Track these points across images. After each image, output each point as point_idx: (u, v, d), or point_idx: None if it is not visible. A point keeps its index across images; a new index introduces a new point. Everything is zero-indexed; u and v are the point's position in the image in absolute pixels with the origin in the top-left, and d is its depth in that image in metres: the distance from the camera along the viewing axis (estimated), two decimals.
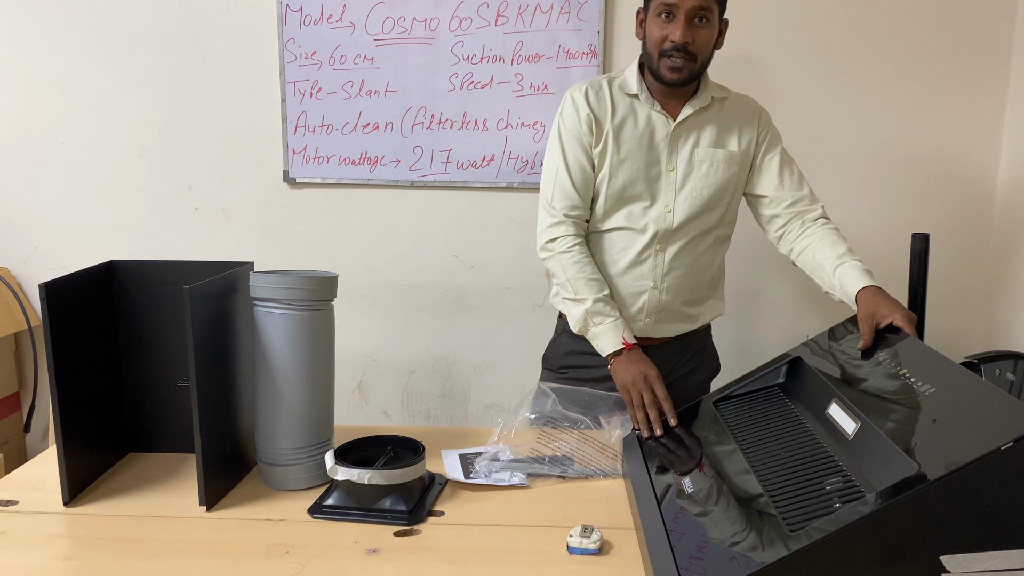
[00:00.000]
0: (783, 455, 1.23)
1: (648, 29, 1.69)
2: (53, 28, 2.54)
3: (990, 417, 0.99)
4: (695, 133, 1.75)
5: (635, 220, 1.76)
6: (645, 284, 1.78)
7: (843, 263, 1.63)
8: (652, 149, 1.74)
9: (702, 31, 1.65)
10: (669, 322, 1.84)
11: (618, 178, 1.74)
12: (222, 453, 1.43)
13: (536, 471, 1.48)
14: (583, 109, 1.74)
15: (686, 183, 1.75)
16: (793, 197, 1.78)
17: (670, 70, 1.66)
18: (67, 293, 1.37)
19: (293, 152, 2.55)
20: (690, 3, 1.61)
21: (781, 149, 1.82)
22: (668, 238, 1.76)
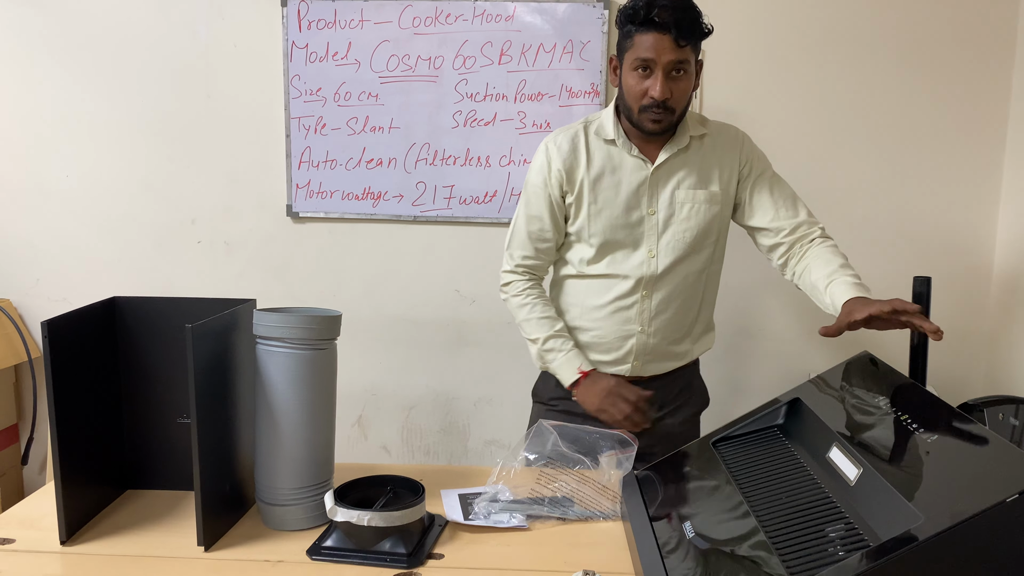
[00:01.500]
0: (784, 499, 1.22)
1: (625, 81, 1.67)
2: (59, 62, 2.57)
3: (994, 468, 0.99)
4: (675, 175, 1.73)
5: (619, 266, 1.75)
6: (632, 328, 1.78)
7: (834, 279, 1.61)
8: (632, 194, 1.73)
9: (680, 83, 1.63)
10: (658, 362, 1.83)
11: (597, 225, 1.73)
12: (221, 492, 1.42)
13: (536, 512, 1.47)
14: (555, 162, 1.74)
15: (668, 227, 1.74)
16: (791, 225, 1.75)
17: (652, 122, 1.65)
18: (69, 330, 1.38)
19: (297, 187, 2.56)
20: (667, 58, 1.59)
21: (770, 175, 1.79)
22: (654, 283, 1.75)
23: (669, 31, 1.57)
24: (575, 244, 1.79)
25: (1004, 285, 2.44)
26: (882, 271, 2.49)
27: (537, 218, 1.78)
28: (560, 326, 1.78)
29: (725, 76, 2.45)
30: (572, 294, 1.82)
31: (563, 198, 1.75)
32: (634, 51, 1.62)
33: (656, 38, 1.58)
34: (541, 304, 1.79)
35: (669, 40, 1.58)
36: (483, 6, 2.43)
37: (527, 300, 1.79)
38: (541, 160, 1.77)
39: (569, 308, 1.83)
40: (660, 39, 1.58)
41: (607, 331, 1.78)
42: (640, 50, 1.60)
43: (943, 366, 2.47)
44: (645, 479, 1.50)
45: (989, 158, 2.44)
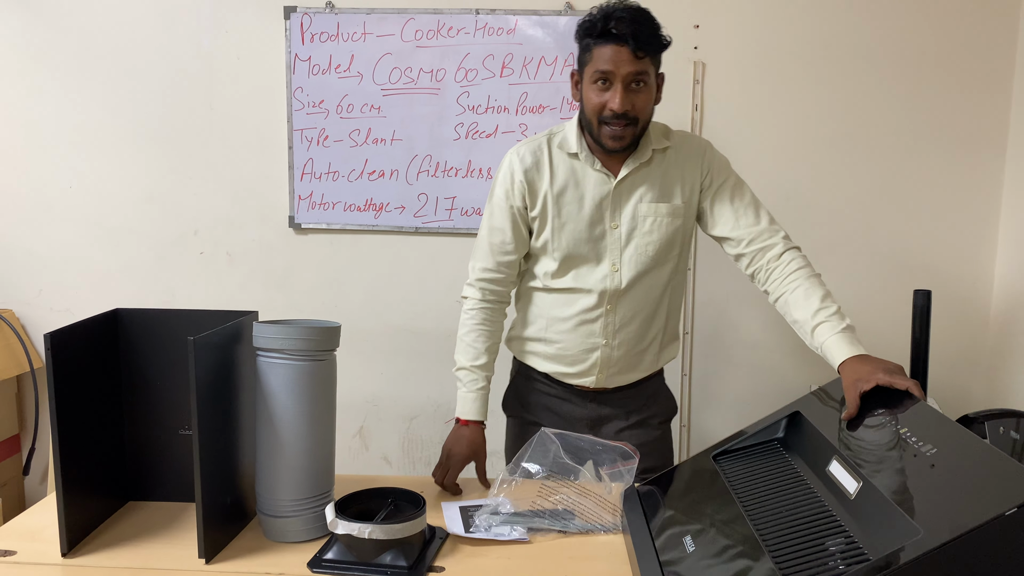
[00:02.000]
0: (784, 513, 1.22)
1: (585, 95, 1.66)
2: (63, 73, 2.59)
3: (993, 481, 0.99)
4: (638, 189, 1.72)
5: (583, 280, 1.75)
6: (597, 341, 1.78)
7: (820, 323, 1.56)
8: (595, 208, 1.72)
9: (640, 95, 1.62)
10: (623, 374, 1.84)
11: (561, 240, 1.73)
12: (222, 503, 1.42)
13: (537, 525, 1.47)
14: (518, 174, 1.73)
15: (631, 240, 1.73)
16: (751, 234, 1.72)
17: (611, 139, 1.64)
18: (71, 342, 1.38)
19: (299, 198, 2.58)
20: (625, 69, 1.58)
21: (732, 184, 1.76)
22: (618, 297, 1.75)
23: (627, 43, 1.57)
24: (540, 257, 1.79)
25: (1005, 298, 2.44)
26: (883, 284, 2.50)
27: (499, 230, 1.77)
28: (482, 362, 1.77)
29: (725, 90, 2.46)
30: (538, 306, 1.82)
31: (526, 210, 1.75)
32: (593, 64, 1.61)
33: (614, 50, 1.58)
34: (477, 332, 1.79)
35: (627, 52, 1.57)
36: (485, 19, 2.44)
37: (468, 322, 1.80)
38: (504, 172, 1.76)
39: (535, 320, 1.84)
40: (618, 51, 1.58)
41: (572, 344, 1.79)
42: (599, 63, 1.60)
43: (943, 379, 2.47)
44: (646, 492, 1.51)
45: (990, 173, 2.45)
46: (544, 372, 1.85)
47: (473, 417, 1.76)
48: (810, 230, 2.50)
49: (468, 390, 1.77)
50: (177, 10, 2.54)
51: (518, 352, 1.90)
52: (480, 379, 1.77)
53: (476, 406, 1.77)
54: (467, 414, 1.77)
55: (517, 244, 1.77)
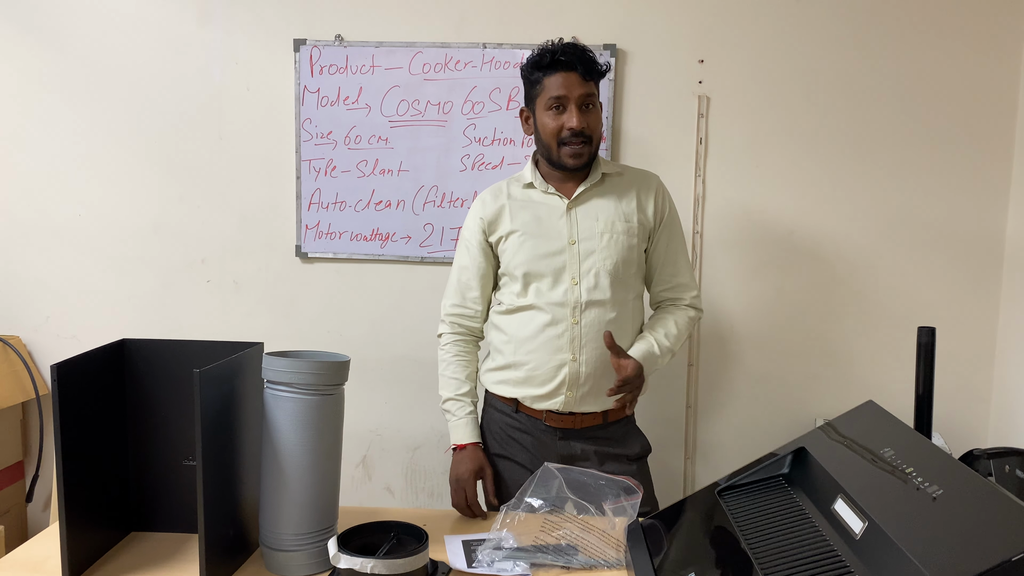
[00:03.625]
0: (789, 551, 1.22)
1: (540, 123, 1.82)
2: (73, 101, 2.62)
3: (1000, 525, 0.99)
4: (593, 207, 1.86)
5: (544, 296, 1.84)
6: (564, 357, 1.83)
7: (642, 336, 1.86)
8: (552, 227, 1.85)
9: (592, 115, 1.80)
10: (593, 396, 1.85)
11: (520, 257, 1.84)
12: (225, 535, 1.42)
13: (540, 561, 1.46)
14: (478, 212, 1.91)
15: (589, 255, 1.83)
16: (672, 283, 1.93)
17: (572, 156, 1.79)
18: (78, 372, 1.39)
19: (306, 228, 2.59)
20: (577, 92, 1.76)
21: (674, 230, 1.93)
22: (581, 311, 1.83)
23: (575, 68, 1.76)
24: (505, 281, 1.91)
25: (1009, 332, 2.44)
26: (887, 321, 2.50)
27: (465, 268, 1.93)
28: (465, 390, 1.90)
29: (729, 124, 2.48)
30: (506, 332, 1.90)
31: (489, 244, 1.90)
32: (545, 93, 1.78)
33: (564, 76, 1.76)
34: (455, 364, 1.92)
35: (576, 76, 1.76)
36: (492, 53, 2.47)
37: (444, 356, 1.94)
38: (470, 214, 1.95)
39: (503, 346, 1.90)
40: (568, 77, 1.76)
41: (540, 361, 1.84)
42: (552, 90, 1.77)
43: (949, 415, 2.46)
44: (650, 528, 1.50)
45: (994, 208, 2.45)
46: (514, 399, 1.90)
47: (468, 440, 1.87)
48: (813, 263, 2.51)
49: (458, 417, 1.89)
50: (188, 41, 2.57)
51: (490, 384, 1.96)
52: (467, 405, 1.90)
53: (469, 430, 1.88)
54: (462, 439, 1.87)
55: (482, 280, 1.92)
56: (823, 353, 2.53)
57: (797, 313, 2.53)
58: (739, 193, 2.50)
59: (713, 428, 2.60)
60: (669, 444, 2.58)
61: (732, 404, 2.59)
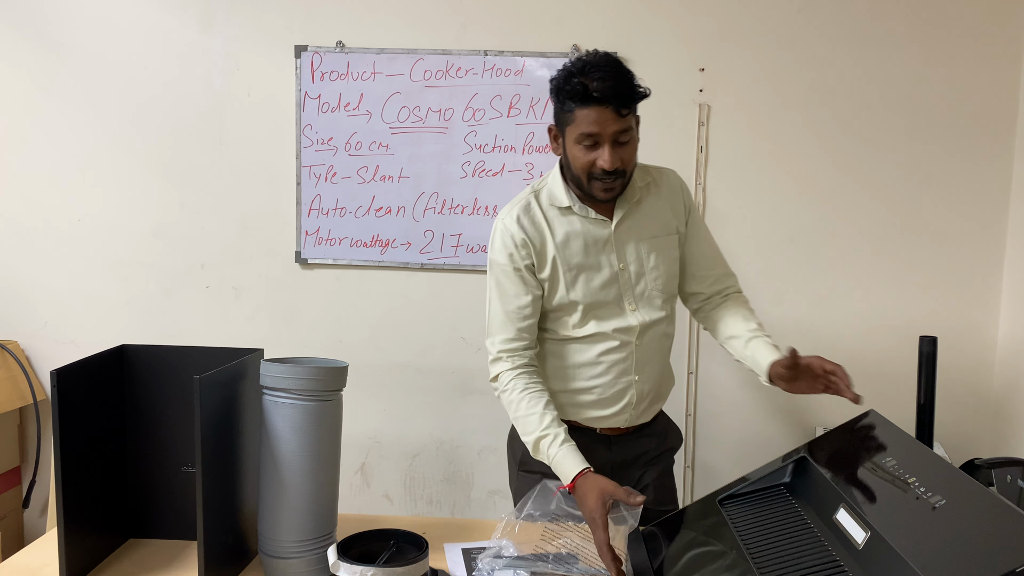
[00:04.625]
0: (791, 561, 1.21)
1: (571, 153, 1.62)
2: (74, 107, 2.62)
3: (1003, 536, 0.98)
4: (635, 227, 1.73)
5: (606, 324, 1.73)
6: (630, 380, 1.76)
7: (755, 337, 1.71)
8: (600, 254, 1.71)
9: (627, 148, 1.60)
10: (650, 407, 1.84)
11: (576, 292, 1.70)
12: (224, 543, 1.41)
13: (540, 569, 1.45)
14: (518, 237, 1.68)
15: (641, 278, 1.74)
16: (715, 275, 1.82)
17: (604, 191, 1.63)
18: (77, 378, 1.38)
19: (306, 233, 2.59)
20: (611, 129, 1.55)
21: (700, 221, 1.84)
22: (642, 333, 1.75)
23: (610, 104, 1.54)
24: (559, 313, 1.75)
25: (1010, 343, 2.44)
26: (888, 330, 2.50)
27: (512, 296, 1.71)
28: (549, 420, 1.63)
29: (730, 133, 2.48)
30: (559, 358, 1.78)
31: (534, 273, 1.71)
32: (576, 126, 1.58)
33: (598, 112, 1.54)
34: (528, 399, 1.66)
35: (611, 112, 1.54)
36: (493, 60, 2.48)
37: (512, 397, 1.68)
38: (503, 238, 1.71)
39: (556, 372, 1.79)
40: (602, 112, 1.54)
41: (607, 386, 1.76)
42: (583, 125, 1.56)
43: (950, 424, 2.46)
44: (650, 536, 1.49)
45: (993, 218, 2.45)
46: (569, 421, 1.77)
47: (577, 469, 1.56)
48: (814, 273, 2.51)
49: (556, 450, 1.59)
50: (189, 47, 2.58)
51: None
52: (560, 434, 1.61)
53: (574, 458, 1.58)
54: (571, 470, 1.56)
55: (534, 307, 1.72)
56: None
57: (797, 321, 2.53)
58: (739, 201, 2.50)
59: (713, 437, 2.60)
60: None
61: (732, 413, 2.58)
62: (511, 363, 1.70)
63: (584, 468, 1.55)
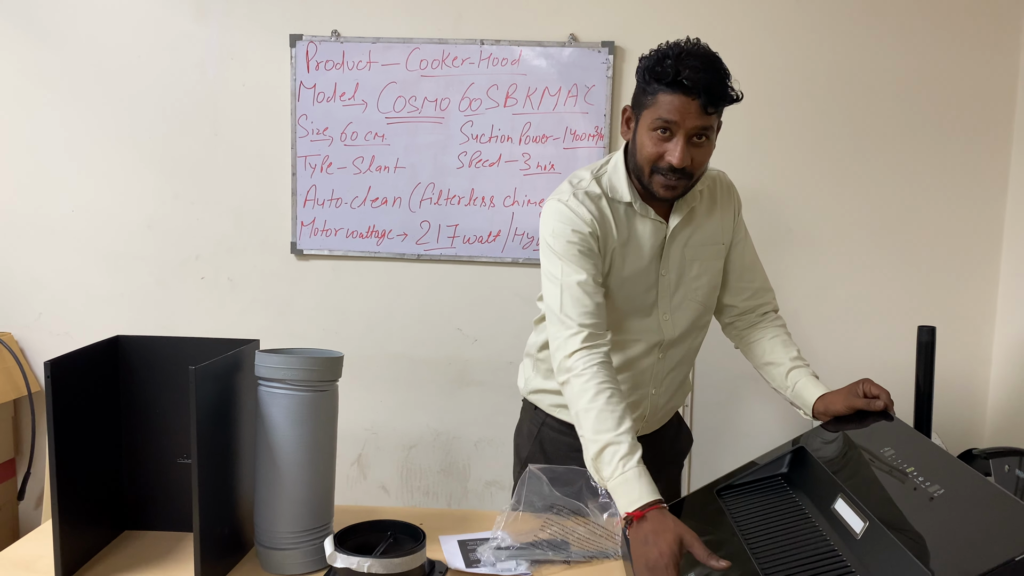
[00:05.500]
0: (789, 551, 1.21)
1: (640, 139, 1.50)
2: (67, 97, 2.60)
3: (1002, 524, 0.98)
4: (683, 234, 1.62)
5: (634, 331, 1.63)
6: (647, 391, 1.69)
7: (796, 367, 1.63)
8: (650, 258, 1.60)
9: (702, 150, 1.48)
10: (661, 418, 1.78)
11: (621, 293, 1.60)
12: (220, 534, 1.40)
13: (539, 557, 1.45)
14: (587, 219, 1.54)
15: (679, 287, 1.63)
16: (753, 289, 1.72)
17: (664, 188, 1.50)
18: (71, 369, 1.37)
19: (301, 224, 2.58)
20: (691, 123, 1.43)
21: (745, 230, 1.73)
22: (670, 345, 1.67)
23: (698, 96, 1.41)
24: None
25: (1007, 333, 2.44)
26: (886, 319, 2.50)
27: (586, 268, 1.52)
28: (627, 426, 1.38)
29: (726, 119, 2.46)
30: None
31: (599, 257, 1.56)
32: (655, 110, 1.45)
33: (683, 101, 1.41)
34: (607, 392, 1.42)
35: (696, 105, 1.42)
36: (490, 50, 2.46)
37: (590, 384, 1.42)
38: (571, 219, 1.53)
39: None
40: (687, 103, 1.41)
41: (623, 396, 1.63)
42: (662, 110, 1.43)
43: (948, 414, 2.46)
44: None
45: (991, 209, 2.45)
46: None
47: (654, 496, 1.31)
48: (813, 265, 2.51)
49: (628, 466, 1.34)
50: (183, 36, 2.56)
51: (547, 406, 1.76)
52: (638, 449, 1.37)
53: (650, 484, 1.33)
54: (647, 496, 1.31)
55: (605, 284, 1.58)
56: (822, 351, 2.52)
57: (795, 311, 2.52)
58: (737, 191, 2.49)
59: (711, 428, 2.59)
60: None
61: (730, 404, 2.58)
62: (592, 343, 1.48)
63: (659, 500, 1.31)
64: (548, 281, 1.56)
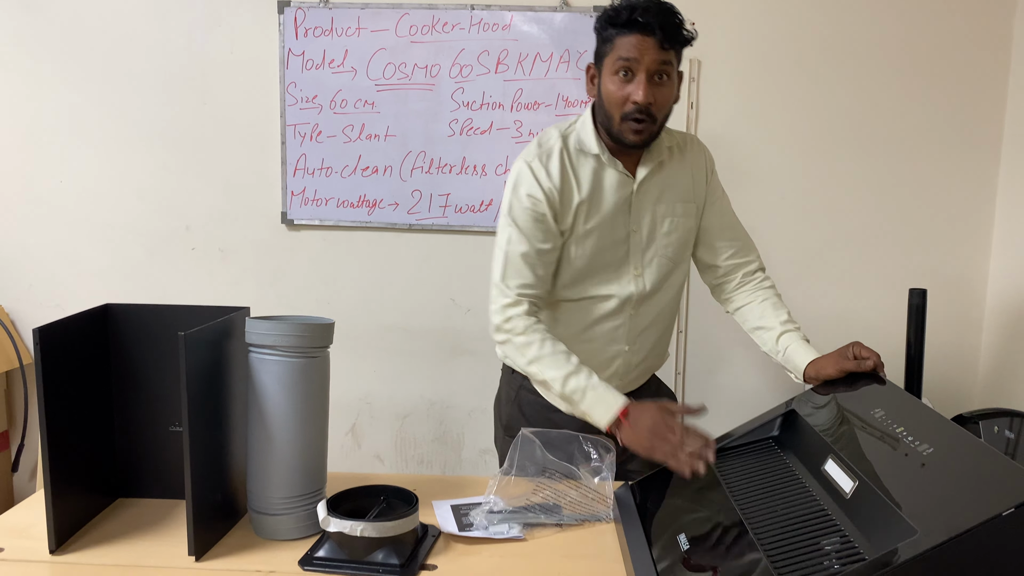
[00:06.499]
0: (779, 512, 1.22)
1: (605, 88, 1.57)
2: (54, 68, 2.57)
3: (989, 481, 0.99)
4: (654, 190, 1.67)
5: (605, 287, 1.68)
6: (620, 348, 1.72)
7: (787, 331, 1.66)
8: (617, 213, 1.64)
9: (663, 89, 1.55)
10: (639, 377, 1.81)
11: (585, 247, 1.64)
12: (213, 501, 1.41)
13: (532, 520, 1.46)
14: (545, 182, 1.60)
15: (651, 243, 1.68)
16: (734, 247, 1.75)
17: (634, 133, 1.56)
18: (61, 337, 1.37)
19: (292, 194, 2.56)
20: (650, 58, 1.51)
21: (722, 191, 1.77)
22: (641, 301, 1.70)
23: (653, 33, 1.50)
24: (562, 268, 1.68)
25: (999, 297, 2.44)
26: (877, 283, 2.50)
27: (534, 239, 1.61)
28: (576, 361, 1.55)
29: (721, 89, 2.45)
30: (557, 320, 1.72)
31: (555, 220, 1.62)
32: (615, 53, 1.54)
33: (639, 39, 1.51)
34: (550, 341, 1.57)
35: (653, 42, 1.51)
36: (480, 15, 2.43)
37: (531, 338, 1.57)
38: (528, 183, 1.61)
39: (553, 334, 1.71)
40: (643, 40, 1.51)
41: (593, 353, 1.70)
42: (622, 51, 1.52)
43: (938, 378, 2.47)
44: (640, 490, 1.50)
45: (984, 172, 2.45)
46: None
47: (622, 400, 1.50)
48: (806, 229, 2.50)
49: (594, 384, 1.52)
50: (170, 4, 2.52)
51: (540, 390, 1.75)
52: (593, 373, 1.54)
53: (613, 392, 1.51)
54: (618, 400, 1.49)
55: (553, 256, 1.64)
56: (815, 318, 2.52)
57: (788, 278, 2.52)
58: (731, 157, 2.48)
59: (703, 395, 2.60)
60: None
61: (721, 371, 2.59)
62: (527, 307, 1.60)
63: (628, 400, 1.48)
64: (496, 247, 1.66)
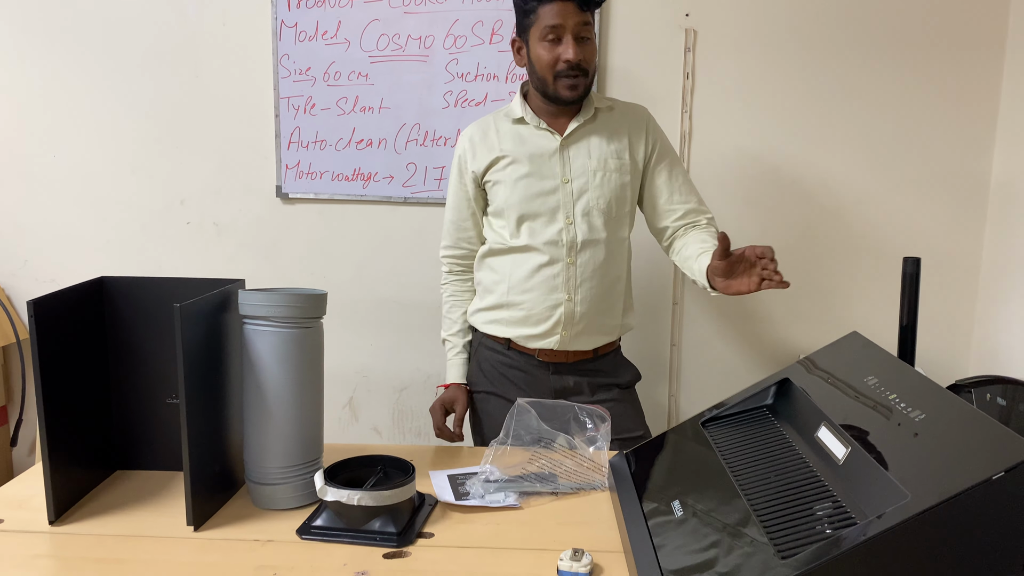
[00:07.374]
0: (772, 478, 1.23)
1: (535, 54, 1.76)
2: (46, 41, 2.54)
3: (981, 446, 0.99)
4: (585, 145, 1.82)
5: (539, 235, 1.82)
6: (560, 297, 1.83)
7: (705, 251, 1.73)
8: (544, 164, 1.81)
9: (588, 47, 1.74)
10: (587, 335, 1.88)
11: (514, 198, 1.82)
12: (210, 472, 1.42)
13: (528, 489, 1.47)
14: (467, 151, 1.87)
15: (583, 194, 1.81)
16: (683, 209, 1.87)
17: (568, 88, 1.74)
18: (56, 310, 1.37)
19: (286, 168, 2.55)
20: (573, 21, 1.70)
21: (671, 158, 1.89)
22: (576, 250, 1.82)
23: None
24: (496, 221, 1.88)
25: (993, 266, 2.45)
26: (872, 251, 2.50)
27: (455, 208, 1.93)
28: (456, 329, 1.99)
29: (717, 59, 2.43)
30: (497, 272, 1.89)
31: (477, 184, 1.88)
32: (540, 22, 1.72)
33: (561, 6, 1.70)
34: (450, 303, 2.00)
35: (573, 7, 1.70)
36: None
37: (446, 298, 2.01)
38: (456, 151, 1.91)
39: (494, 287, 1.89)
40: (565, 7, 1.70)
41: (535, 302, 1.85)
42: (547, 19, 1.71)
43: (932, 347, 2.49)
44: (634, 458, 1.51)
45: (980, 142, 2.44)
46: (507, 339, 1.90)
47: (451, 380, 1.97)
48: (801, 200, 2.50)
49: (452, 356, 1.98)
50: None
51: (481, 324, 1.95)
52: (457, 346, 1.98)
53: (454, 371, 1.97)
54: (449, 379, 1.97)
55: (473, 220, 1.92)
56: (809, 289, 2.54)
57: (783, 249, 2.52)
58: (726, 129, 2.47)
59: (697, 366, 2.62)
60: (654, 383, 2.60)
61: (716, 342, 2.60)
62: (448, 267, 1.99)
63: (455, 383, 1.95)
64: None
